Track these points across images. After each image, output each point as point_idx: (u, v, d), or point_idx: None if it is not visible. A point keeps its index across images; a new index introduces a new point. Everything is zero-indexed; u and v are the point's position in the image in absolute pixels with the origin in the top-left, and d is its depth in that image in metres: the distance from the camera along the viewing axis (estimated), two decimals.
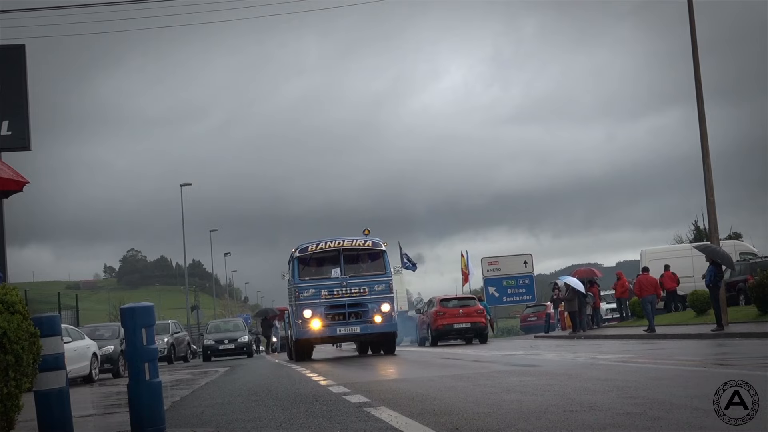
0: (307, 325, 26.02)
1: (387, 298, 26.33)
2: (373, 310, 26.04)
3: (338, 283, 26.14)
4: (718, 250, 25.20)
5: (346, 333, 26.42)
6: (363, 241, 27.09)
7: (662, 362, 14.48)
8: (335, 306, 26.10)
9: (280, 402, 11.53)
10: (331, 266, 26.67)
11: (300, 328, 26.35)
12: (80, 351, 23.92)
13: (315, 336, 26.44)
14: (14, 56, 21.32)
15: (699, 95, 27.24)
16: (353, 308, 26.12)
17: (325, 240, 26.92)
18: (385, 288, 26.37)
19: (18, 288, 8.60)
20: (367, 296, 26.07)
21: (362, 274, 26.54)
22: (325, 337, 26.97)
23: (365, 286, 26.14)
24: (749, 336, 21.35)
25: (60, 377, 8.81)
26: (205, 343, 44.41)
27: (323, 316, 26.00)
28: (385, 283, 26.43)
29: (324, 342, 29.19)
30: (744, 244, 43.42)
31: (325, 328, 26.04)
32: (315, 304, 26.04)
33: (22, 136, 20.77)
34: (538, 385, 11.44)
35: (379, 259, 26.88)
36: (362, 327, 26.15)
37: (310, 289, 26.16)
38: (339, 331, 26.15)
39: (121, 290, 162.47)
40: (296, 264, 26.59)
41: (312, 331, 26.11)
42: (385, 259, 26.87)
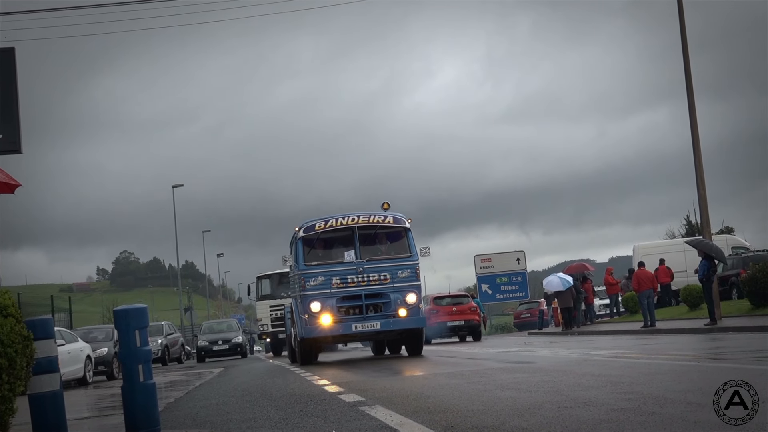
0: (315, 320, 21.49)
1: (413, 286, 21.84)
2: (396, 302, 21.59)
3: (353, 269, 21.61)
4: (711, 245, 25.25)
5: (363, 330, 21.74)
6: (382, 216, 22.31)
7: (656, 357, 14.51)
8: (350, 297, 21.58)
9: (275, 402, 11.54)
10: (344, 248, 22.13)
11: (306, 325, 21.72)
12: (74, 354, 23.90)
13: (325, 334, 21.80)
14: (4, 59, 21.21)
15: (689, 90, 27.27)
16: (372, 299, 21.62)
17: (336, 216, 22.29)
18: (410, 274, 21.85)
19: (11, 291, 8.58)
20: (388, 284, 21.60)
21: (382, 258, 22.00)
22: (337, 336, 22.37)
23: (386, 272, 21.65)
24: (742, 330, 21.40)
25: (54, 380, 8.80)
26: (199, 344, 44.42)
27: (335, 310, 21.49)
28: (410, 269, 21.90)
29: (336, 341, 25.74)
30: (736, 238, 43.54)
31: (338, 324, 21.48)
32: (325, 295, 21.52)
33: (13, 140, 20.63)
34: (532, 381, 11.45)
35: (402, 238, 22.37)
36: (383, 322, 21.49)
37: (318, 277, 21.59)
38: (355, 327, 21.53)
39: (114, 292, 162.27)
40: (300, 246, 22.13)
41: (321, 329, 21.51)
42: (409, 239, 22.25)
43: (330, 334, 21.84)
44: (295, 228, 22.44)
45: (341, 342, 26.98)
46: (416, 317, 21.86)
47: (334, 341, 25.11)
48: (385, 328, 21.61)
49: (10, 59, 21.31)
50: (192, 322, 75.36)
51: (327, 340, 23.48)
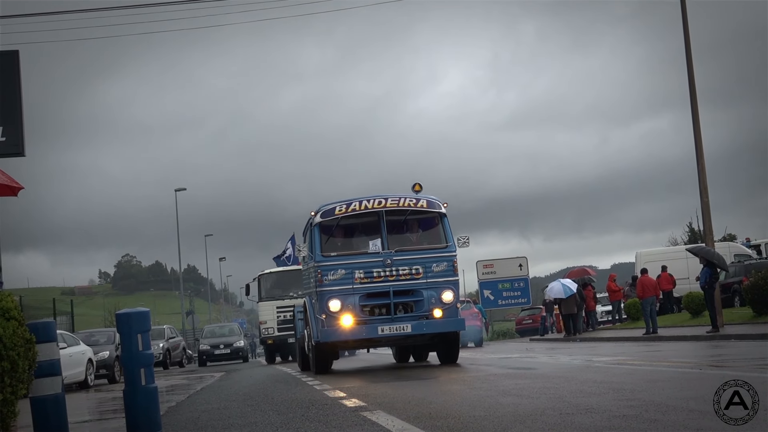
0: (334, 321, 18.36)
1: (449, 282, 18.73)
2: (429, 300, 18.46)
3: (379, 261, 18.46)
4: (712, 252, 25.23)
5: (391, 334, 18.50)
6: (413, 200, 18.98)
7: (658, 364, 14.50)
8: (375, 294, 18.48)
9: (276, 406, 11.53)
10: (369, 236, 19.00)
11: (324, 327, 18.53)
12: (76, 357, 23.90)
13: (346, 337, 18.66)
14: (8, 62, 21.28)
15: (693, 97, 27.27)
16: (401, 297, 18.52)
17: (359, 199, 18.97)
18: (446, 268, 18.73)
19: (13, 294, 8.59)
20: (421, 280, 18.51)
21: (413, 248, 18.96)
22: (360, 340, 19.27)
23: (418, 264, 18.53)
24: (744, 337, 21.37)
25: (56, 383, 8.81)
26: (201, 348, 44.43)
27: (358, 309, 18.36)
28: (446, 261, 18.77)
29: (358, 346, 21.91)
30: (738, 246, 43.48)
31: (361, 326, 18.38)
32: (346, 291, 18.41)
33: (16, 142, 20.71)
34: (533, 388, 11.44)
35: (437, 226, 19.29)
36: (415, 325, 18.35)
37: (338, 270, 18.46)
38: (381, 330, 18.34)
39: (116, 296, 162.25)
40: (317, 233, 18.94)
41: (341, 331, 18.38)
42: (445, 226, 19.12)
43: (351, 337, 18.67)
44: (311, 212, 19.38)
45: (364, 347, 22.75)
46: (453, 319, 18.74)
47: (356, 346, 21.72)
48: (417, 331, 18.46)
49: (13, 62, 21.37)
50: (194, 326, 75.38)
51: (347, 345, 20.47)
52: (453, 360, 19.80)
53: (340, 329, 18.37)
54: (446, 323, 18.62)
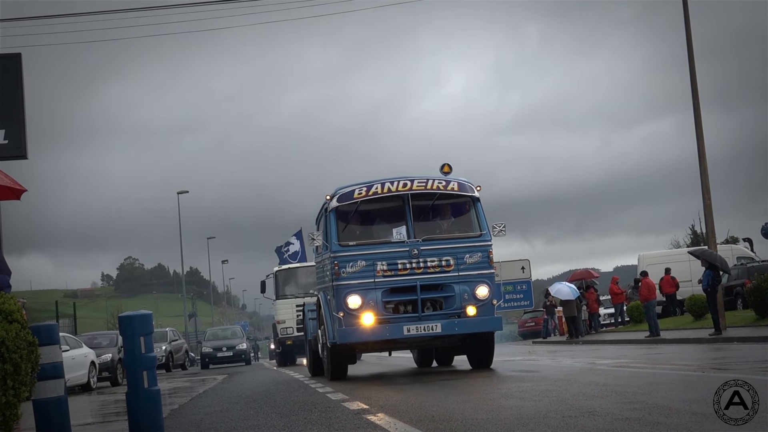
0: (353, 320, 16.23)
1: (484, 276, 16.58)
2: (462, 296, 16.29)
3: (405, 252, 16.31)
4: (714, 255, 25.22)
5: (418, 334, 16.23)
6: (443, 182, 16.89)
7: (660, 367, 14.50)
8: (400, 289, 16.35)
9: (279, 409, 11.53)
10: (392, 223, 17.05)
11: (341, 326, 16.34)
12: (78, 359, 23.91)
13: (366, 338, 16.47)
14: (11, 65, 21.31)
15: (695, 100, 27.27)
16: (430, 293, 16.38)
17: (382, 181, 16.86)
18: (481, 259, 16.57)
19: (15, 297, 8.60)
20: (452, 272, 16.35)
21: (444, 237, 16.87)
22: (383, 341, 16.95)
23: (449, 255, 16.40)
24: (747, 340, 21.36)
25: (58, 386, 8.82)
26: (203, 351, 44.48)
27: (380, 306, 16.21)
28: (480, 252, 16.61)
29: (380, 348, 19.14)
30: (741, 248, 43.47)
31: (384, 325, 16.19)
32: (366, 285, 16.23)
33: (19, 145, 20.75)
34: (536, 390, 11.44)
35: (469, 212, 17.26)
36: (445, 324, 16.15)
37: (357, 261, 16.34)
38: (407, 330, 16.13)
39: (119, 298, 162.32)
40: (333, 220, 16.86)
41: (361, 331, 16.21)
42: (478, 212, 17.03)
43: (373, 338, 16.44)
44: (326, 196, 17.15)
45: (387, 350, 20.26)
46: (489, 317, 16.57)
47: (378, 348, 18.98)
48: (448, 331, 16.28)
49: (16, 65, 21.41)
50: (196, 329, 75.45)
51: (368, 347, 18.24)
52: (487, 364, 17.57)
53: (360, 329, 16.18)
54: (481, 322, 16.45)
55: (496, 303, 16.86)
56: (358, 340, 16.52)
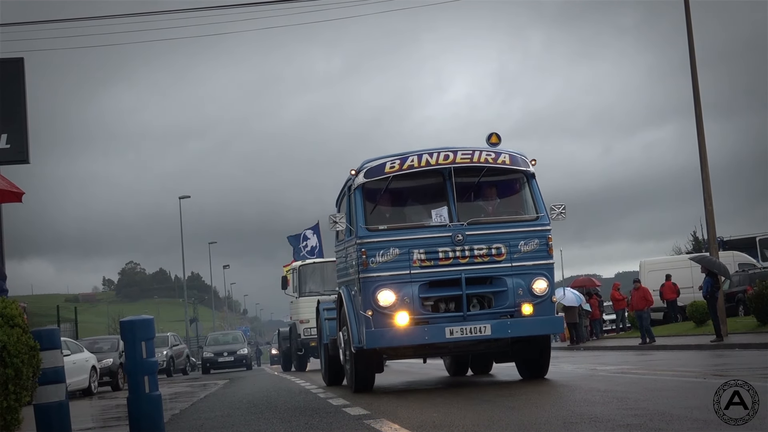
0: (385, 320, 13.41)
1: (543, 267, 13.78)
2: (516, 291, 13.54)
3: (447, 237, 13.55)
4: (714, 261, 25.23)
5: (462, 338, 13.39)
6: (492, 154, 14.11)
7: (662, 373, 14.49)
8: (441, 282, 13.59)
9: (280, 414, 11.53)
10: (431, 203, 14.27)
11: (369, 328, 13.49)
12: (79, 364, 23.91)
13: (400, 342, 13.74)
14: (13, 69, 21.39)
15: (697, 106, 27.28)
16: (477, 287, 13.62)
17: (418, 153, 13.99)
18: (539, 247, 13.77)
19: (17, 301, 8.61)
20: (504, 263, 13.59)
21: (493, 220, 14.06)
22: (420, 346, 14.23)
23: (500, 242, 13.62)
24: (748, 347, 21.35)
25: (60, 390, 8.83)
26: (204, 356, 44.52)
27: (417, 304, 13.41)
28: (537, 238, 13.81)
29: (415, 354, 16.09)
30: (743, 255, 43.46)
31: (421, 327, 13.37)
32: (400, 278, 13.45)
33: (21, 149, 20.82)
34: (538, 396, 11.44)
35: (523, 190, 14.49)
36: (496, 325, 13.38)
37: (389, 249, 13.52)
38: (450, 332, 13.30)
39: (120, 303, 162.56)
40: (359, 199, 14.09)
41: (394, 333, 13.41)
42: (534, 191, 14.26)
43: (408, 342, 13.69)
44: (351, 171, 14.39)
45: (423, 356, 17.09)
46: (548, 317, 13.81)
47: (411, 354, 15.82)
48: (499, 334, 13.50)
49: (18, 69, 21.45)
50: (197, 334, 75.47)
51: (398, 353, 15.25)
52: (542, 373, 14.71)
53: (392, 331, 13.38)
54: (539, 323, 13.67)
55: (555, 299, 14.22)
56: (389, 344, 13.75)
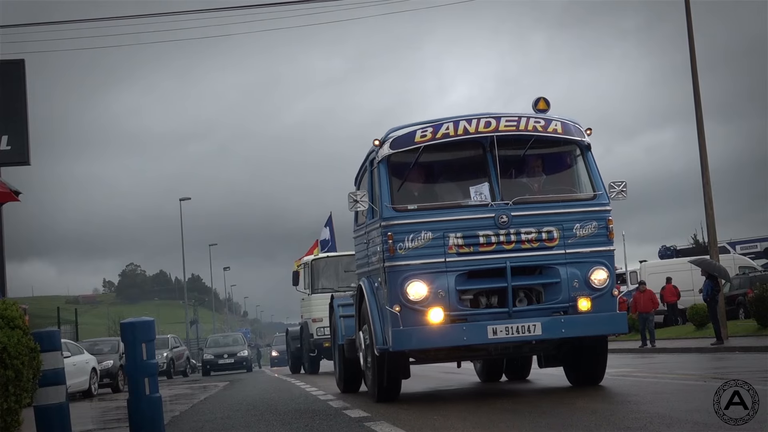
0: (415, 317, 11.29)
1: (602, 254, 11.65)
2: (571, 283, 11.44)
3: (489, 219, 11.44)
4: (714, 264, 25.23)
5: (508, 338, 11.30)
6: (542, 121, 11.97)
7: (662, 376, 14.49)
8: (483, 272, 11.48)
9: (280, 416, 11.53)
10: (468, 178, 12.07)
11: (396, 326, 11.34)
12: (79, 366, 23.92)
13: (434, 343, 11.59)
14: (14, 71, 21.40)
15: (698, 110, 27.29)
16: (524, 278, 11.56)
17: (455, 119, 11.84)
18: (597, 231, 11.62)
19: (18, 303, 8.62)
20: (556, 249, 11.50)
21: (544, 199, 11.92)
22: (456, 348, 12.06)
23: (552, 225, 11.54)
24: (749, 350, 21.34)
25: (60, 392, 8.83)
26: (205, 358, 44.56)
27: (453, 298, 11.29)
28: (596, 220, 11.67)
29: (449, 357, 13.42)
30: (744, 258, 43.48)
31: (458, 325, 11.28)
32: (434, 267, 11.33)
33: (22, 151, 20.83)
34: (537, 399, 11.43)
35: (577, 164, 12.32)
36: (548, 324, 11.31)
37: (421, 233, 11.40)
38: (493, 332, 11.20)
39: (120, 305, 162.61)
40: (384, 174, 11.96)
41: (427, 333, 11.29)
42: (590, 165, 12.09)
43: (443, 343, 11.60)
44: (374, 141, 12.22)
45: (459, 359, 14.37)
46: (610, 314, 11.62)
47: (444, 357, 13.26)
48: (551, 334, 11.41)
49: (19, 71, 21.46)
50: (198, 336, 75.47)
51: (429, 356, 12.87)
52: (598, 378, 12.70)
53: (425, 330, 11.26)
54: (598, 321, 11.54)
55: (617, 293, 11.83)
56: (420, 345, 11.64)
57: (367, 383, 13.50)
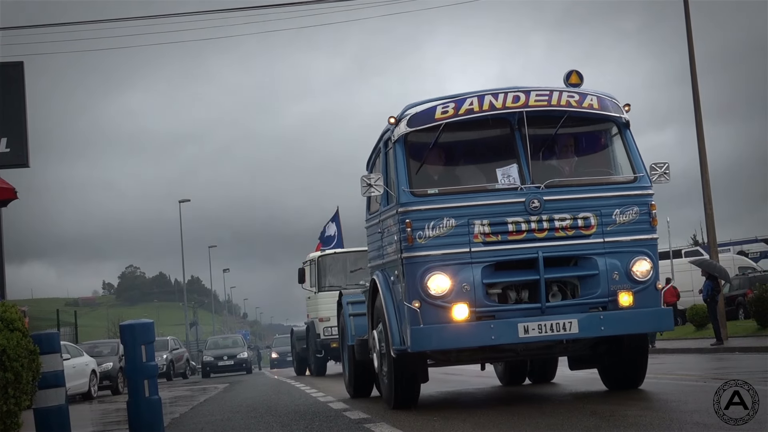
0: (438, 314, 10.20)
1: (644, 243, 10.55)
2: (611, 276, 10.36)
3: (519, 204, 10.38)
4: (713, 265, 25.25)
5: (540, 337, 10.22)
6: (576, 96, 10.86)
7: (661, 377, 14.47)
8: (511, 264, 10.41)
9: (280, 418, 11.52)
10: (495, 159, 11.01)
11: (415, 324, 10.19)
12: (79, 368, 23.91)
13: (458, 343, 10.46)
14: (13, 73, 21.38)
15: (697, 111, 27.31)
16: (559, 270, 10.49)
17: (479, 93, 10.79)
18: (638, 217, 10.54)
19: (17, 305, 8.61)
20: (594, 237, 10.42)
21: (579, 182, 10.82)
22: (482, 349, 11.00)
23: (589, 210, 10.46)
24: (749, 350, 21.35)
25: (59, 394, 8.82)
26: (204, 360, 44.57)
27: (479, 292, 10.23)
28: (637, 205, 10.59)
29: (473, 359, 12.14)
30: (743, 258, 43.52)
31: (485, 323, 10.18)
32: (458, 258, 10.27)
33: (21, 153, 20.80)
34: (536, 400, 11.43)
35: (613, 143, 11.27)
36: (586, 320, 10.23)
37: (443, 220, 10.34)
38: (525, 330, 10.13)
39: (120, 307, 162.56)
40: (401, 155, 10.94)
41: (450, 332, 10.19)
42: (629, 145, 11.03)
43: (468, 343, 10.45)
44: (389, 119, 11.13)
45: (485, 360, 13.27)
46: (654, 310, 10.50)
47: (467, 359, 11.97)
48: (589, 332, 10.34)
49: (18, 73, 21.45)
50: (197, 338, 75.46)
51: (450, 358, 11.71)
52: (638, 381, 11.58)
53: (448, 329, 10.16)
54: (641, 318, 10.44)
55: (661, 287, 10.68)
56: (443, 345, 10.53)
57: (380, 388, 12.55)
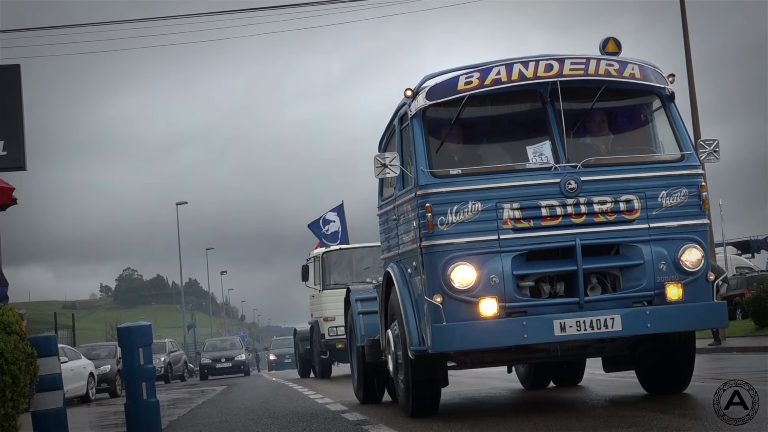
0: (463, 309, 8.89)
1: (694, 229, 9.45)
2: (657, 266, 9.13)
3: (553, 186, 9.10)
4: (711, 264, 25.21)
5: (579, 335, 8.89)
6: (615, 64, 9.41)
7: None
8: (545, 253, 9.15)
9: (278, 420, 11.51)
10: (525, 136, 9.75)
11: (437, 321, 8.90)
12: (77, 371, 23.88)
13: (485, 343, 9.09)
14: (9, 76, 21.36)
15: (694, 113, 27.35)
16: (599, 260, 9.22)
17: (507, 62, 9.35)
18: (687, 200, 9.34)
19: (14, 308, 8.59)
20: (637, 223, 9.17)
21: (621, 161, 9.48)
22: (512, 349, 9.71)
23: (632, 192, 9.18)
24: (746, 350, 21.36)
25: (57, 397, 8.81)
26: (202, 362, 44.54)
27: (509, 285, 8.89)
28: (686, 186, 9.34)
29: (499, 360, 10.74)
30: (740, 258, 43.56)
31: (516, 320, 8.86)
32: (484, 247, 8.96)
33: (18, 156, 20.78)
34: (536, 400, 11.42)
35: (657, 118, 9.98)
36: (629, 316, 8.94)
37: (467, 203, 9.03)
38: (560, 328, 8.80)
39: (118, 309, 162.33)
40: (419, 132, 9.60)
41: (477, 330, 8.86)
42: (674, 119, 9.70)
43: (498, 343, 9.15)
44: (406, 92, 9.79)
45: (516, 362, 12.34)
46: (705, 304, 9.41)
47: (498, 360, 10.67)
48: (634, 329, 9.10)
49: (15, 76, 21.43)
50: (195, 340, 75.46)
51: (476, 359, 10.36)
52: (683, 384, 10.41)
53: (476, 326, 8.90)
54: (692, 313, 9.30)
55: (713, 278, 9.63)
56: (469, 345, 9.24)
57: (395, 393, 11.27)
